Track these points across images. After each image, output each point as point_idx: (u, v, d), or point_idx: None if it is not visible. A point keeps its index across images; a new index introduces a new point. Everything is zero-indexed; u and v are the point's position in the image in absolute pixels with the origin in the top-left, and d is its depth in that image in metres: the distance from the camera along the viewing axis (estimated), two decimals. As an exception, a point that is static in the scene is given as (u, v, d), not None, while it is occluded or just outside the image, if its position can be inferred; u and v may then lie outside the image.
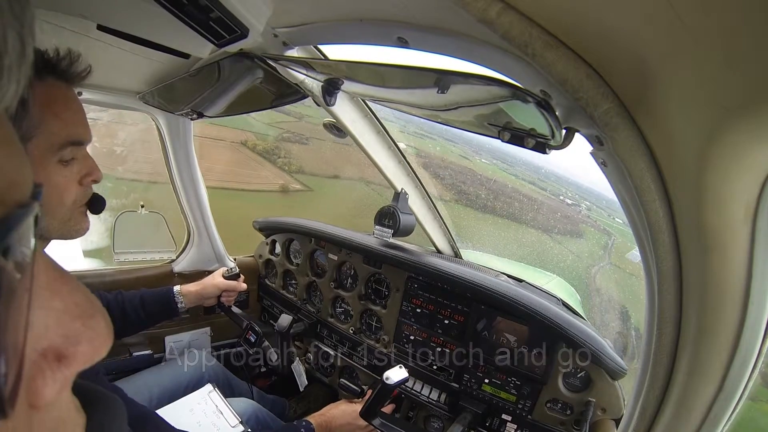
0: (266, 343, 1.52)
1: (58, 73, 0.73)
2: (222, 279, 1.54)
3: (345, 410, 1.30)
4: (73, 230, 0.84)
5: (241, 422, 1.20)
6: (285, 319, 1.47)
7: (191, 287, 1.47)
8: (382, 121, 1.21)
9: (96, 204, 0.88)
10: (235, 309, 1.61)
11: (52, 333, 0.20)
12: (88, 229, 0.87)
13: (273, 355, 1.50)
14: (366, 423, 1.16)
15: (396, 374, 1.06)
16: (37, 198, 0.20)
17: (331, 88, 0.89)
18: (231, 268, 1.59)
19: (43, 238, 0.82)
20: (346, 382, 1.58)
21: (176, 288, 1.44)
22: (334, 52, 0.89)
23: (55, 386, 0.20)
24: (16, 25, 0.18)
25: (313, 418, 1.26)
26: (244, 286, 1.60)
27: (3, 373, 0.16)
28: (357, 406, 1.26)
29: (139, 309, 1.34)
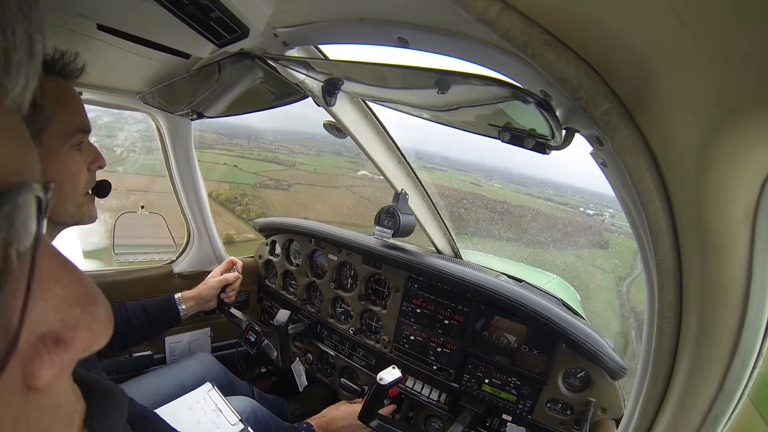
0: (266, 342, 1.52)
1: (58, 70, 0.80)
2: (214, 278, 1.53)
3: (346, 410, 1.30)
4: (86, 216, 0.90)
5: (240, 420, 1.20)
6: (283, 314, 1.46)
7: (191, 294, 1.48)
8: (382, 121, 1.21)
9: (103, 188, 0.94)
10: (234, 311, 1.61)
11: (51, 318, 0.20)
12: (97, 215, 0.92)
13: (273, 352, 1.50)
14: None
15: (389, 374, 1.06)
16: (46, 190, 0.20)
17: (331, 88, 0.89)
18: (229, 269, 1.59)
19: (59, 224, 0.88)
20: (346, 382, 1.58)
21: (177, 295, 1.46)
22: (334, 52, 0.89)
23: (53, 369, 0.20)
24: (24, 22, 0.18)
25: (314, 420, 1.26)
26: (234, 274, 1.58)
27: None
28: (357, 407, 1.26)
29: (142, 318, 1.36)
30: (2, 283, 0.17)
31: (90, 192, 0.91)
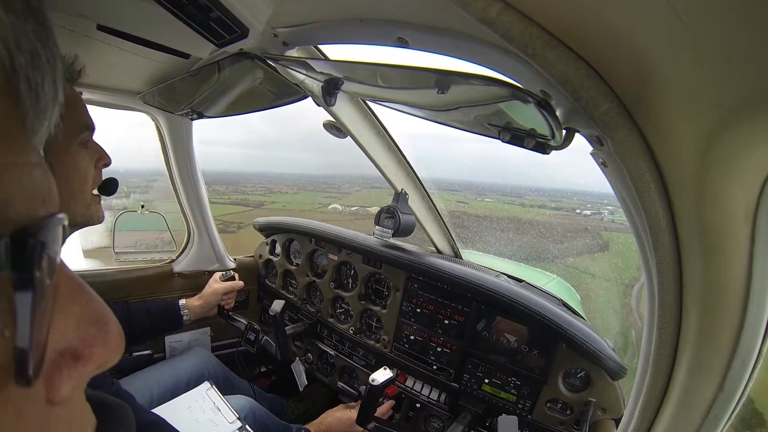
0: (266, 338, 1.53)
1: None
2: (219, 284, 1.56)
3: (341, 417, 1.30)
4: (94, 216, 0.89)
5: (238, 418, 1.21)
6: (278, 304, 1.47)
7: (195, 301, 1.51)
8: (382, 121, 1.20)
9: (109, 186, 0.93)
10: (233, 314, 1.63)
11: (71, 335, 0.22)
12: (104, 216, 0.92)
13: (273, 347, 1.51)
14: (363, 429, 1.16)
15: (380, 375, 1.09)
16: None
17: (331, 88, 0.89)
18: (225, 272, 1.60)
19: (69, 227, 0.87)
20: (346, 382, 1.59)
21: (182, 301, 1.49)
22: (334, 52, 0.89)
23: (71, 383, 0.22)
24: (51, 72, 0.21)
25: (312, 426, 1.26)
26: (241, 283, 1.62)
27: (27, 349, 0.18)
28: (353, 413, 1.26)
29: (145, 321, 1.38)
30: (36, 307, 0.19)
31: (96, 192, 0.90)
